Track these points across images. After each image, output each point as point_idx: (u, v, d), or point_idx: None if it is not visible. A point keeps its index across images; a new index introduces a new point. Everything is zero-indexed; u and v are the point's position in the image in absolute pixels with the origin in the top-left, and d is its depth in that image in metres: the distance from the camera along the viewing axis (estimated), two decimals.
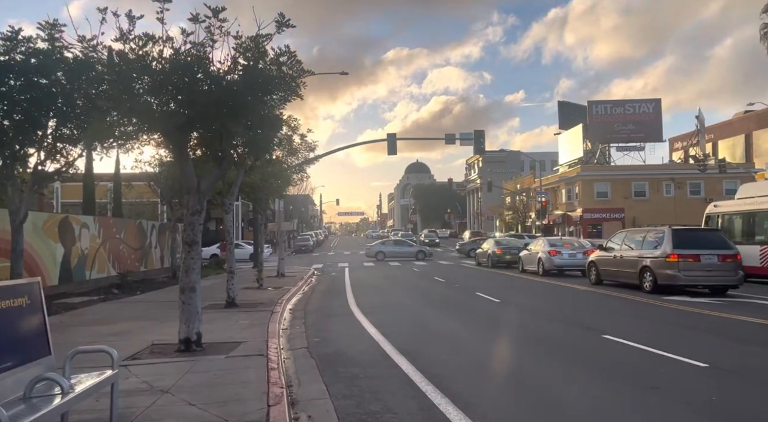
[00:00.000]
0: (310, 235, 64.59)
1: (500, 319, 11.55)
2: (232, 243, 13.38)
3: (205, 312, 11.55)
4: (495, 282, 20.54)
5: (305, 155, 22.62)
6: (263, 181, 17.58)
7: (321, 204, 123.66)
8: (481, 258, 30.51)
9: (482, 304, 13.83)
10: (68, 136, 13.89)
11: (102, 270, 18.23)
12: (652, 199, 56.88)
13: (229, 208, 13.17)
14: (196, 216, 7.91)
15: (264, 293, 16.79)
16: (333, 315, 12.36)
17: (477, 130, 32.86)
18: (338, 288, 19.54)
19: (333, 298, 16.08)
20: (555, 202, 63.71)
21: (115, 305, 13.79)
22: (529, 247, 23.96)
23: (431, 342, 8.91)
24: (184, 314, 7.78)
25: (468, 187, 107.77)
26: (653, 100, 60.64)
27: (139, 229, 22.00)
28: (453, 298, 15.45)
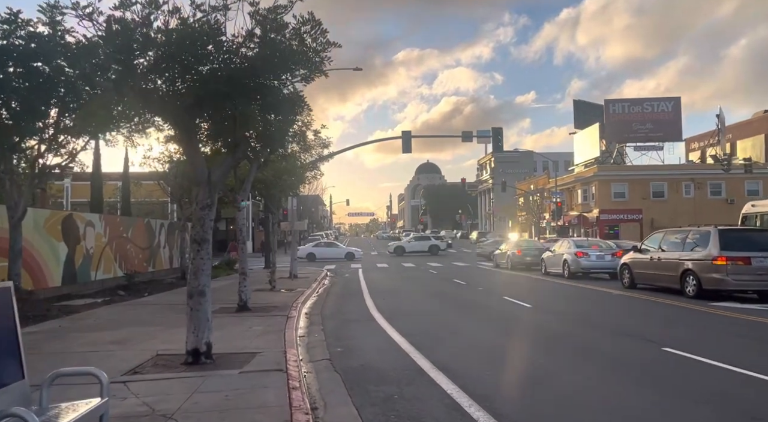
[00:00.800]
0: (321, 236, 63.76)
1: (539, 327, 10.54)
2: (244, 243, 12.49)
3: (216, 317, 10.67)
4: (520, 285, 19.51)
5: (319, 152, 21.77)
6: (277, 178, 16.71)
7: (331, 204, 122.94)
8: (499, 260, 29.45)
9: (514, 310, 12.83)
10: (71, 126, 13.11)
11: (108, 270, 17.42)
12: (671, 199, 55.46)
13: (240, 206, 12.28)
14: (206, 210, 6.99)
15: (277, 296, 15.90)
16: (353, 321, 11.42)
17: (495, 128, 31.80)
18: (354, 290, 18.60)
19: (350, 301, 15.14)
20: (570, 202, 62.45)
21: (120, 308, 12.93)
22: (552, 249, 22.89)
23: (469, 355, 7.94)
24: (192, 321, 6.87)
25: (480, 187, 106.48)
26: (672, 99, 59.23)
27: (147, 228, 21.20)
28: (481, 303, 14.45)
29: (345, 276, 26.33)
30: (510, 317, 11.73)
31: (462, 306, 13.87)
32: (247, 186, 12.40)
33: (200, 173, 7.02)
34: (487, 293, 16.93)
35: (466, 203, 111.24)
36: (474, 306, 13.79)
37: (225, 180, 7.92)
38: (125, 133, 13.55)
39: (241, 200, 12.27)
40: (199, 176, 7.01)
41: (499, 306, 13.64)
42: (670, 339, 8.64)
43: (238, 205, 12.24)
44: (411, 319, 11.38)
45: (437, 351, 8.01)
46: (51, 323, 10.45)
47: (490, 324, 10.91)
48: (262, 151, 12.26)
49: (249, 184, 12.49)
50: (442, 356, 7.61)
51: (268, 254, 29.36)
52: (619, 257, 20.16)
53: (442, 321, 11.17)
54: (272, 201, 19.12)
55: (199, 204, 7.02)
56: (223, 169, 7.22)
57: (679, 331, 9.79)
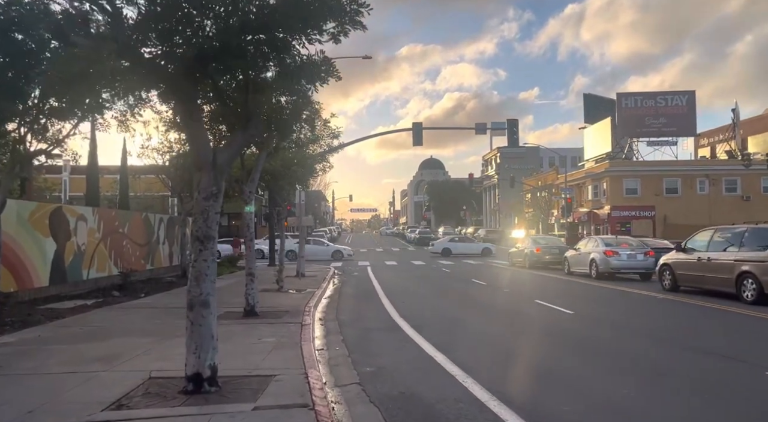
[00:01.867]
0: (325, 232, 62.42)
1: (597, 342, 9.11)
2: (252, 239, 11.11)
3: (221, 324, 9.29)
4: (547, 286, 18.10)
5: (328, 142, 20.41)
6: (285, 168, 15.32)
7: (333, 200, 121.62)
8: (515, 258, 28.06)
9: (555, 317, 11.41)
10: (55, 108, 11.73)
11: (102, 268, 16.05)
12: (685, 196, 54.02)
13: (249, 198, 10.88)
14: (210, 201, 5.60)
15: (286, 297, 14.54)
16: (376, 329, 10.04)
17: (510, 119, 30.48)
18: (368, 291, 17.23)
19: (367, 305, 13.78)
20: (580, 199, 61.02)
21: (112, 312, 11.56)
22: (576, 247, 21.49)
23: (533, 380, 6.54)
24: (193, 339, 5.50)
25: (485, 183, 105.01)
26: (686, 93, 57.66)
27: (146, 223, 19.82)
28: (514, 308, 13.01)
29: (354, 274, 24.98)
30: (555, 327, 10.32)
31: (495, 312, 12.47)
32: (256, 176, 11.02)
33: (203, 154, 5.63)
34: (515, 296, 15.54)
35: (471, 199, 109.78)
36: (509, 312, 12.37)
37: (233, 163, 6.46)
38: (118, 116, 12.18)
39: (249, 192, 10.89)
40: (202, 158, 5.63)
41: (535, 312, 12.24)
42: (763, 358, 7.25)
43: (245, 198, 10.85)
44: (442, 329, 10.01)
45: (490, 374, 6.62)
46: (30, 331, 9.09)
47: (539, 337, 9.48)
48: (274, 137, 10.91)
49: (258, 174, 11.12)
50: (499, 382, 6.23)
51: (273, 251, 28.00)
52: (651, 256, 18.80)
53: (480, 332, 9.78)
54: (280, 194, 17.72)
55: (202, 193, 5.63)
56: (231, 151, 5.83)
57: (764, 346, 8.40)
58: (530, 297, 14.57)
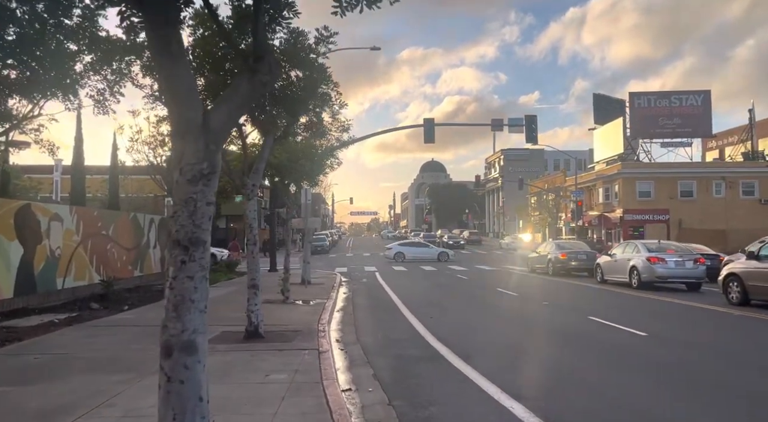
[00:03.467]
0: (326, 235, 60.33)
1: (707, 376, 7.07)
2: (255, 243, 9.03)
3: (215, 350, 7.24)
4: (588, 298, 16.00)
5: (338, 136, 18.36)
6: (292, 162, 13.27)
7: (333, 203, 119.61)
8: (536, 264, 26.00)
9: (626, 340, 9.27)
10: (15, 79, 9.70)
11: (81, 276, 13.97)
12: (701, 199, 52.08)
13: (252, 193, 8.82)
14: (200, 184, 3.54)
15: (294, 311, 12.48)
16: (411, 358, 7.96)
17: (528, 115, 28.51)
18: (384, 302, 15.16)
19: (389, 320, 11.70)
20: (590, 202, 59.08)
21: (83, 332, 9.46)
22: (611, 253, 19.43)
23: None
24: (169, 405, 3.43)
25: (488, 186, 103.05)
26: (702, 92, 55.75)
27: (134, 224, 17.73)
28: (572, 329, 10.64)
29: (363, 281, 22.94)
30: (638, 355, 8.21)
31: (551, 334, 10.29)
32: (261, 166, 8.96)
33: (188, 112, 3.56)
34: (561, 310, 13.44)
35: (473, 202, 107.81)
36: (567, 334, 10.17)
37: (232, 128, 4.25)
38: (94, 94, 10.14)
39: (253, 185, 8.82)
40: (186, 118, 3.56)
41: (599, 333, 10.11)
42: None
43: (247, 193, 8.79)
44: (498, 358, 7.94)
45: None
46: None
47: (634, 372, 7.26)
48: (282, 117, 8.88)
49: (263, 164, 9.05)
50: None
51: (274, 255, 25.92)
52: (702, 264, 16.76)
53: (552, 366, 7.63)
54: (286, 192, 15.64)
55: (186, 172, 3.54)
56: (231, 106, 3.72)
57: None
58: (579, 313, 12.50)
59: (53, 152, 14.27)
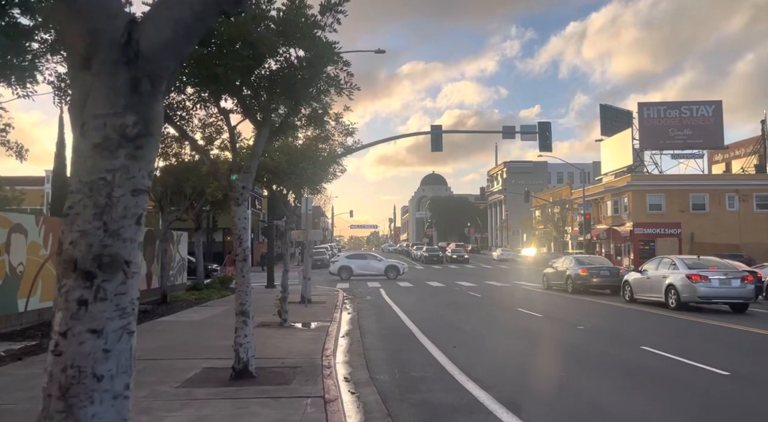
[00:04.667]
0: (326, 248, 58.50)
1: None
2: (246, 259, 7.31)
3: (189, 402, 5.51)
4: (626, 321, 14.15)
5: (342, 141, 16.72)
6: (292, 166, 11.58)
7: (333, 215, 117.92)
8: (553, 281, 24.23)
9: (714, 385, 7.38)
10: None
11: (50, 296, 12.19)
12: (714, 212, 50.45)
13: (242, 197, 7.11)
14: (121, 155, 1.83)
15: (292, 337, 10.72)
16: (448, 412, 6.19)
17: (542, 122, 27.01)
18: (396, 326, 13.40)
19: (405, 350, 9.94)
20: (598, 215, 57.42)
21: (32, 370, 7.66)
22: (642, 269, 17.67)
23: None
24: None
25: (490, 199, 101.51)
26: (713, 102, 54.35)
27: None
28: (633, 364, 8.55)
29: (367, 299, 21.19)
30: (737, 410, 6.47)
31: (602, 368, 8.52)
32: (253, 164, 7.28)
33: (98, 20, 1.86)
34: (599, 336, 11.65)
35: (475, 215, 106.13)
36: (629, 370, 8.22)
37: (184, 53, 2.41)
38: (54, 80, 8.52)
39: (243, 187, 7.12)
40: (94, 30, 1.85)
41: (669, 371, 8.24)
42: None
43: (236, 197, 7.08)
44: (560, 412, 6.17)
45: None
46: None
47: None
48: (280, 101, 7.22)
49: (256, 161, 7.37)
50: None
51: (272, 270, 24.15)
52: (750, 282, 15.02)
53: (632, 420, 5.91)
54: (284, 201, 13.90)
55: (91, 130, 1.83)
56: (182, 13, 2.01)
57: None
58: (626, 340, 10.73)
59: (21, 155, 12.57)
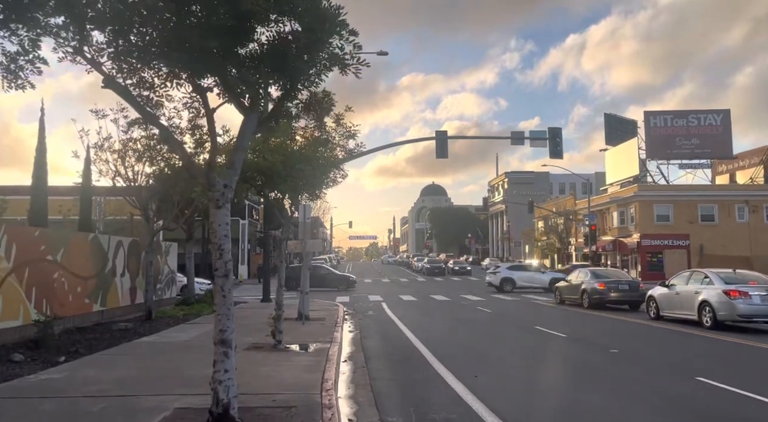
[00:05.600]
0: (325, 260, 57.00)
1: None
2: (227, 274, 5.86)
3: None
4: (663, 344, 12.59)
5: (343, 144, 15.43)
6: (288, 167, 10.17)
7: (332, 226, 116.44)
8: (566, 295, 22.78)
9: None
10: None
11: (11, 314, 10.75)
12: (723, 224, 49.14)
13: (224, 197, 5.68)
14: None
15: (287, 363, 9.25)
16: None
17: (552, 128, 25.75)
18: (402, 346, 11.95)
19: (418, 381, 8.49)
20: (603, 226, 56.01)
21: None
22: (669, 283, 16.24)
23: None
24: None
25: (491, 210, 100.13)
26: (721, 111, 53.22)
27: (93, 248, 14.56)
28: (699, 404, 7.16)
29: (369, 314, 19.75)
30: None
31: (660, 405, 7.08)
32: (237, 158, 5.87)
33: None
34: (640, 362, 10.17)
35: (475, 226, 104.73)
36: (696, 411, 6.94)
37: None
38: (3, 60, 7.08)
39: (225, 186, 5.70)
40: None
41: (748, 414, 6.88)
42: None
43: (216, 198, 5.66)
44: None
45: None
46: None
47: None
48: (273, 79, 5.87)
49: (242, 155, 5.96)
50: None
51: (267, 283, 22.67)
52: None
53: None
54: (280, 208, 12.46)
55: None
56: None
57: None
58: (674, 368, 9.27)
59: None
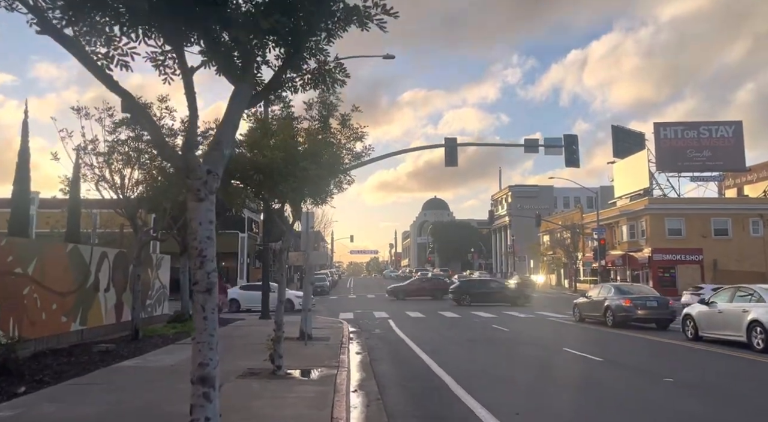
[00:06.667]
0: (326, 274, 55.36)
1: None
2: (209, 289, 4.41)
3: None
4: (723, 372, 11.11)
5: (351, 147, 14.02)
6: (291, 165, 8.74)
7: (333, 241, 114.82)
8: (586, 312, 21.25)
9: None
10: None
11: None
12: (737, 238, 47.65)
13: (204, 188, 4.23)
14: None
15: (287, 396, 7.72)
16: None
17: (568, 135, 24.44)
18: (418, 371, 10.43)
19: (449, 420, 6.97)
20: (612, 240, 54.48)
21: None
22: (710, 301, 14.74)
23: None
24: None
25: (494, 224, 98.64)
26: (733, 123, 51.98)
27: (74, 260, 13.08)
28: None
29: (376, 333, 18.27)
30: None
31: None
32: (224, 138, 4.44)
33: None
34: (712, 398, 8.66)
35: (477, 241, 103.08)
36: None
37: None
38: None
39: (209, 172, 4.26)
40: None
41: None
42: None
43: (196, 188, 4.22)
44: None
45: None
46: None
47: None
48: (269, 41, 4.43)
49: (230, 135, 4.53)
50: None
51: (267, 299, 21.14)
52: None
53: None
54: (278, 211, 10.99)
55: None
56: None
57: None
58: (758, 408, 7.79)
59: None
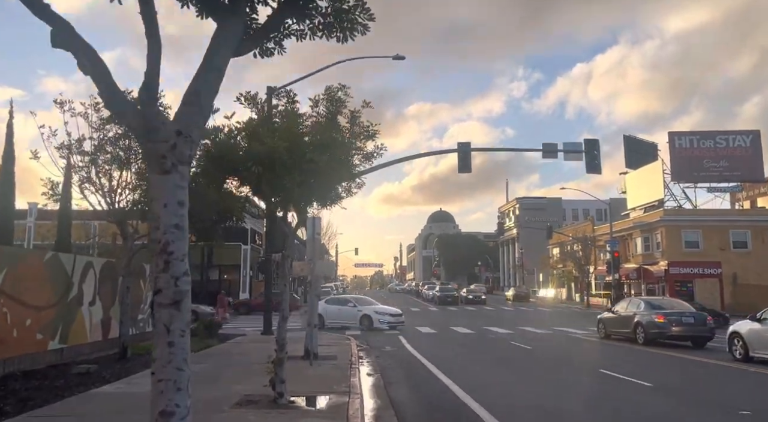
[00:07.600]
0: (331, 287, 53.87)
1: None
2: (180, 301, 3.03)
3: None
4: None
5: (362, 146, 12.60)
6: (294, 155, 7.39)
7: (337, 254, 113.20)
8: (613, 328, 19.72)
9: None
10: None
11: None
12: (757, 250, 45.98)
13: (171, 154, 2.90)
14: None
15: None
16: None
17: (588, 139, 23.35)
18: (446, 403, 9.02)
19: None
20: (625, 253, 52.89)
21: None
22: (762, 318, 13.27)
23: None
24: None
25: (501, 237, 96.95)
26: (750, 132, 50.49)
27: (52, 270, 11.70)
28: None
29: (386, 350, 16.84)
30: None
31: None
32: (205, 90, 3.09)
33: None
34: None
35: (484, 254, 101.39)
36: None
37: None
38: None
39: (178, 134, 2.90)
40: None
41: None
42: None
43: (158, 150, 2.86)
44: None
45: None
46: None
47: None
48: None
49: (210, 87, 3.18)
50: None
51: (269, 313, 19.71)
52: None
53: None
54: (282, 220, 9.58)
55: None
56: None
57: None
58: None
59: None
